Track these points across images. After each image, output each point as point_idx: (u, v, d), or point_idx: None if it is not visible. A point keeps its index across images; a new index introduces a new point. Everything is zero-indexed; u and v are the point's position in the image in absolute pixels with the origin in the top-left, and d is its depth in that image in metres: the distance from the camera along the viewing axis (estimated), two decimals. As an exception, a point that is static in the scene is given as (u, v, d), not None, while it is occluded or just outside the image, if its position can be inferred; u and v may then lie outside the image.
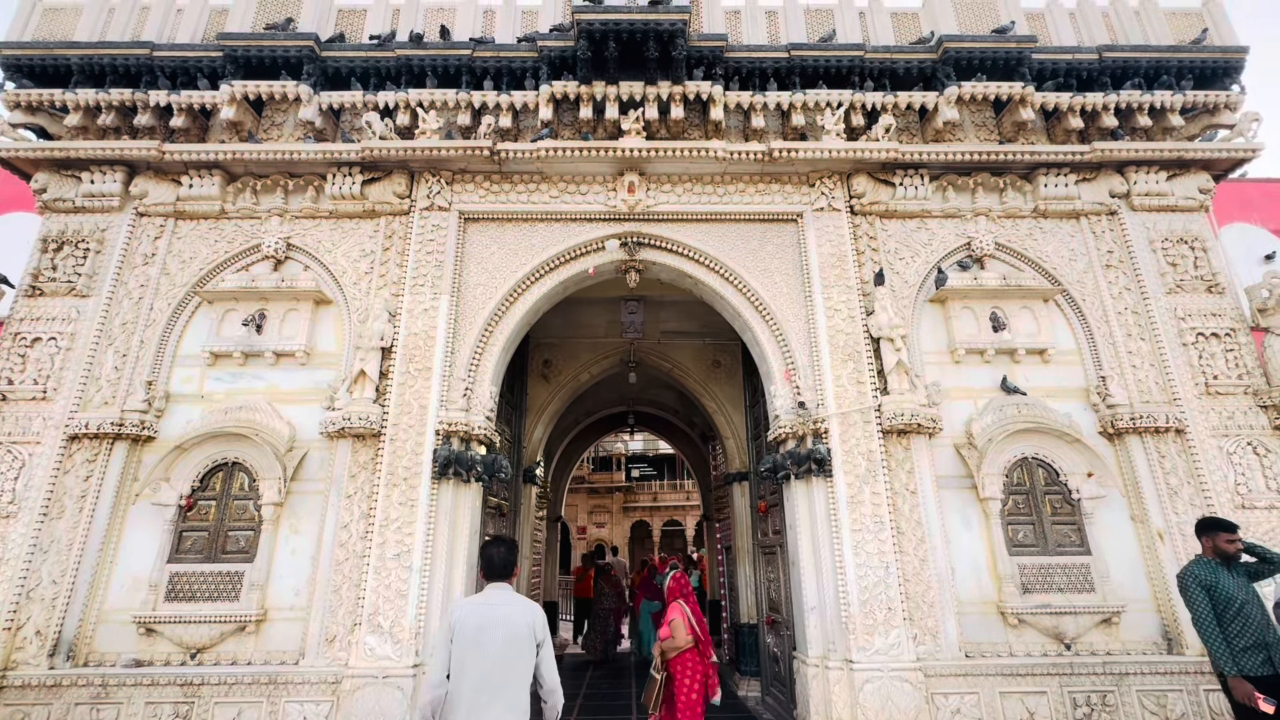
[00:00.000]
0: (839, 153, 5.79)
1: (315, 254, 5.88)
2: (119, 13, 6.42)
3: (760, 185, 6.04)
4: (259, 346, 5.57)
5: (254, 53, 5.97)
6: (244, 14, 6.40)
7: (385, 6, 6.54)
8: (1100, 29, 6.56)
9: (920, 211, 6.03)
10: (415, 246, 5.77)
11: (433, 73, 6.09)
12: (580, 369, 9.13)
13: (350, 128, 6.34)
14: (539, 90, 5.97)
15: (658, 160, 5.85)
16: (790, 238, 5.97)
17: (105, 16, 6.41)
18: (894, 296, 5.70)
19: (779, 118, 6.31)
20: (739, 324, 6.06)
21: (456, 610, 2.61)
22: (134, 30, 6.37)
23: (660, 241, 5.97)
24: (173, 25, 6.46)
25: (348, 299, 5.71)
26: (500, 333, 5.75)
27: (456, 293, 5.70)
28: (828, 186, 5.98)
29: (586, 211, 5.95)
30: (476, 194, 6.00)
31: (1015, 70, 6.09)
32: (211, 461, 5.28)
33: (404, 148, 5.75)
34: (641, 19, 5.57)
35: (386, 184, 5.96)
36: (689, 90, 5.90)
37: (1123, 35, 6.54)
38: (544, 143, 5.77)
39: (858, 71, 6.14)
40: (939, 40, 6.08)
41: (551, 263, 5.89)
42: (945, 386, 5.56)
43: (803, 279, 5.78)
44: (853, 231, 5.91)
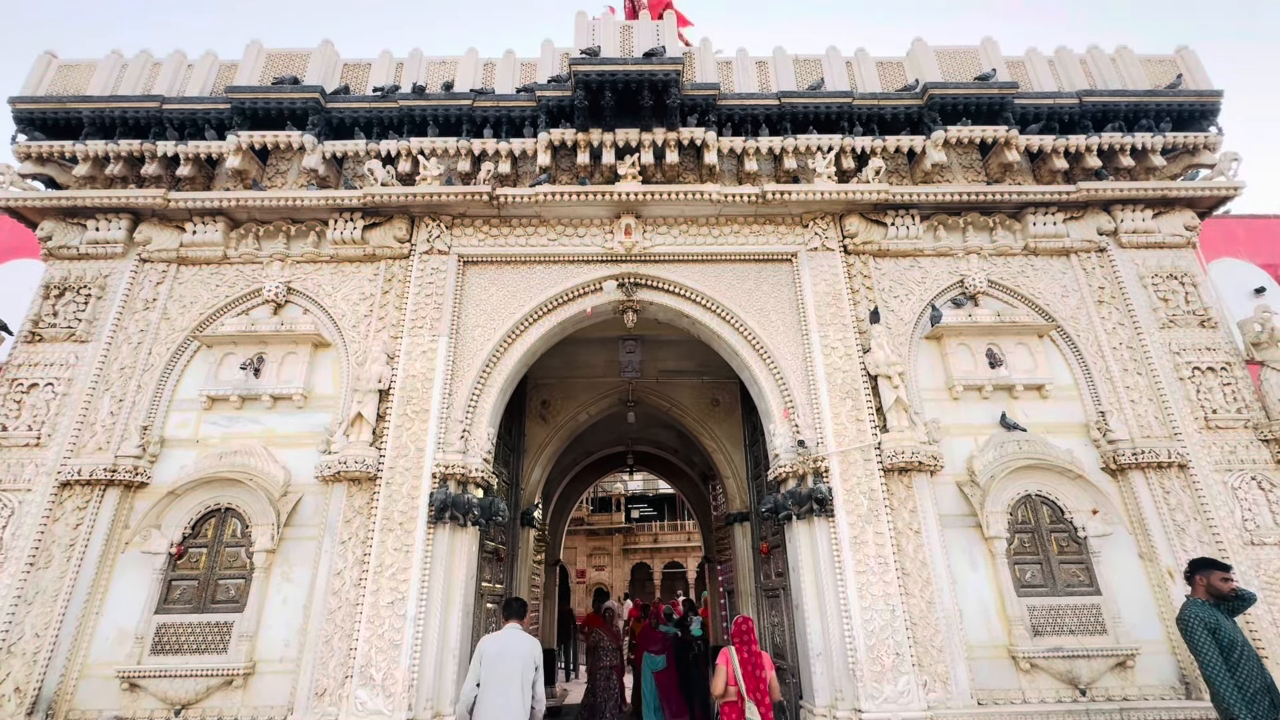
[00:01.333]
0: (831, 194, 5.91)
1: (315, 297, 5.93)
2: (132, 69, 6.64)
3: (755, 226, 6.15)
4: (256, 390, 5.56)
5: (261, 105, 6.15)
6: (252, 69, 6.62)
7: (389, 60, 6.78)
8: (1079, 75, 6.80)
9: (913, 250, 6.13)
10: (415, 289, 5.82)
11: (434, 122, 6.27)
12: (578, 409, 9.09)
13: (353, 174, 6.48)
14: (537, 138, 6.14)
15: (653, 203, 5.97)
16: (785, 277, 6.05)
17: (118, 72, 6.62)
18: (890, 334, 5.74)
19: (771, 161, 6.47)
20: (736, 362, 6.07)
21: (484, 642, 4.09)
22: (145, 84, 6.58)
23: (657, 282, 6.04)
24: (183, 79, 6.67)
25: (346, 342, 5.73)
26: (498, 374, 5.75)
27: (455, 335, 5.72)
28: (821, 227, 6.09)
29: (584, 254, 6.04)
30: (476, 238, 6.09)
31: (999, 114, 6.29)
32: (204, 507, 5.20)
33: (405, 193, 5.87)
34: (637, 70, 5.77)
35: (387, 229, 6.06)
36: (683, 136, 6.06)
37: (1100, 80, 6.77)
38: (542, 187, 5.89)
39: (846, 117, 6.33)
40: (924, 87, 6.29)
41: (549, 304, 5.94)
42: (945, 423, 5.54)
43: (799, 317, 5.83)
44: (847, 270, 5.99)
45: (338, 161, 6.44)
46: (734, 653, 4.29)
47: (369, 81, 6.73)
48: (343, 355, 5.73)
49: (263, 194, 5.99)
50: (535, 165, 6.27)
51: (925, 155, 6.26)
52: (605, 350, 8.58)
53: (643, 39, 6.46)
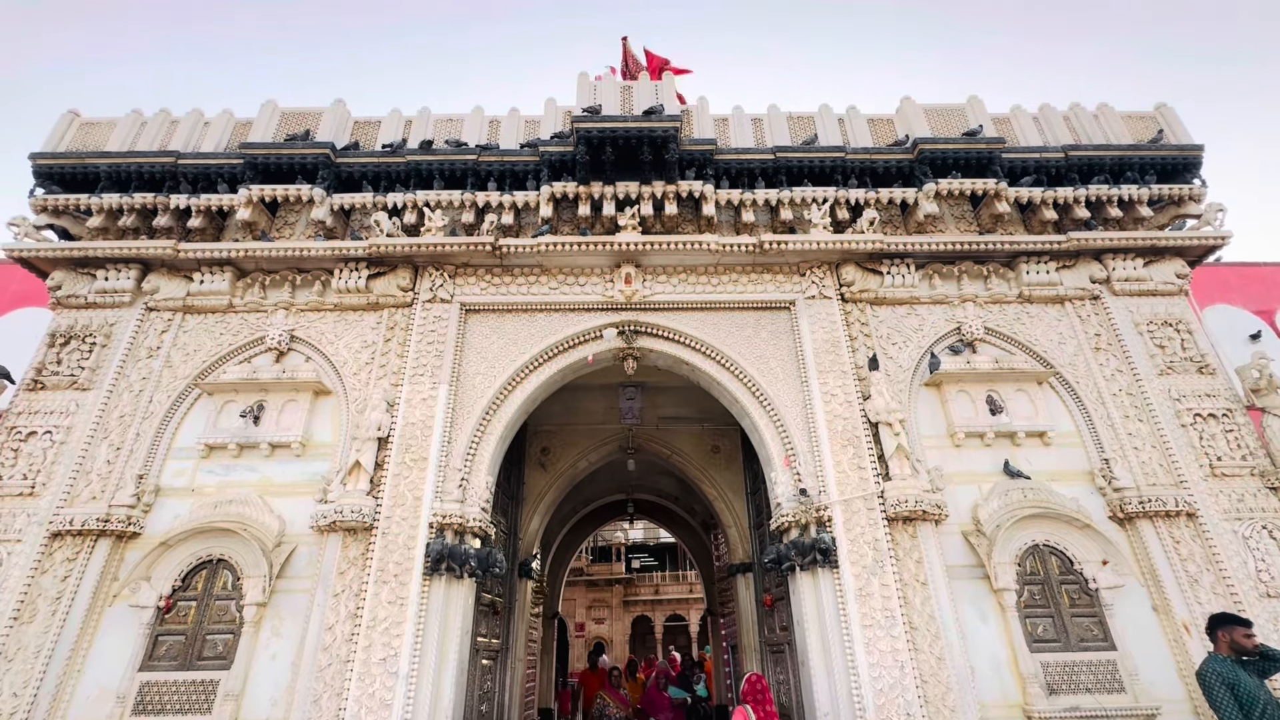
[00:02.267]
0: (827, 244, 6.04)
1: (318, 345, 5.98)
2: (150, 126, 6.90)
3: (753, 275, 6.26)
4: (255, 438, 5.54)
5: (273, 160, 6.36)
6: (266, 126, 6.88)
7: (398, 118, 7.05)
8: (1063, 130, 7.05)
9: (909, 298, 6.21)
10: (416, 337, 5.88)
11: (440, 175, 6.47)
12: (578, 456, 9.01)
13: (359, 225, 6.64)
14: (540, 190, 6.32)
15: (653, 253, 6.09)
16: (784, 325, 6.11)
17: (137, 129, 6.88)
18: (889, 381, 5.75)
19: (768, 212, 6.64)
20: (736, 410, 6.07)
21: None
22: (162, 141, 6.82)
23: (657, 329, 6.10)
24: (199, 136, 6.92)
25: (347, 389, 5.74)
26: (498, 421, 5.74)
27: (455, 382, 5.74)
28: (818, 276, 6.19)
29: (585, 302, 6.13)
30: (478, 286, 6.19)
31: (987, 168, 6.48)
32: (196, 559, 5.10)
33: (410, 244, 6.00)
34: (637, 127, 6.00)
35: (391, 278, 6.16)
36: (682, 189, 6.24)
37: (1084, 135, 7.01)
38: (544, 238, 6.03)
39: (840, 170, 6.53)
40: (914, 142, 6.51)
41: (550, 351, 5.98)
42: (947, 471, 5.49)
43: (798, 365, 5.86)
44: (845, 318, 6.06)
45: (345, 213, 6.61)
46: (751, 713, 4.12)
47: (379, 137, 6.97)
48: (343, 403, 5.73)
49: (271, 245, 6.12)
50: (537, 216, 6.43)
51: (918, 206, 6.42)
52: (605, 397, 8.58)
53: (642, 98, 6.73)
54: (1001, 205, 6.38)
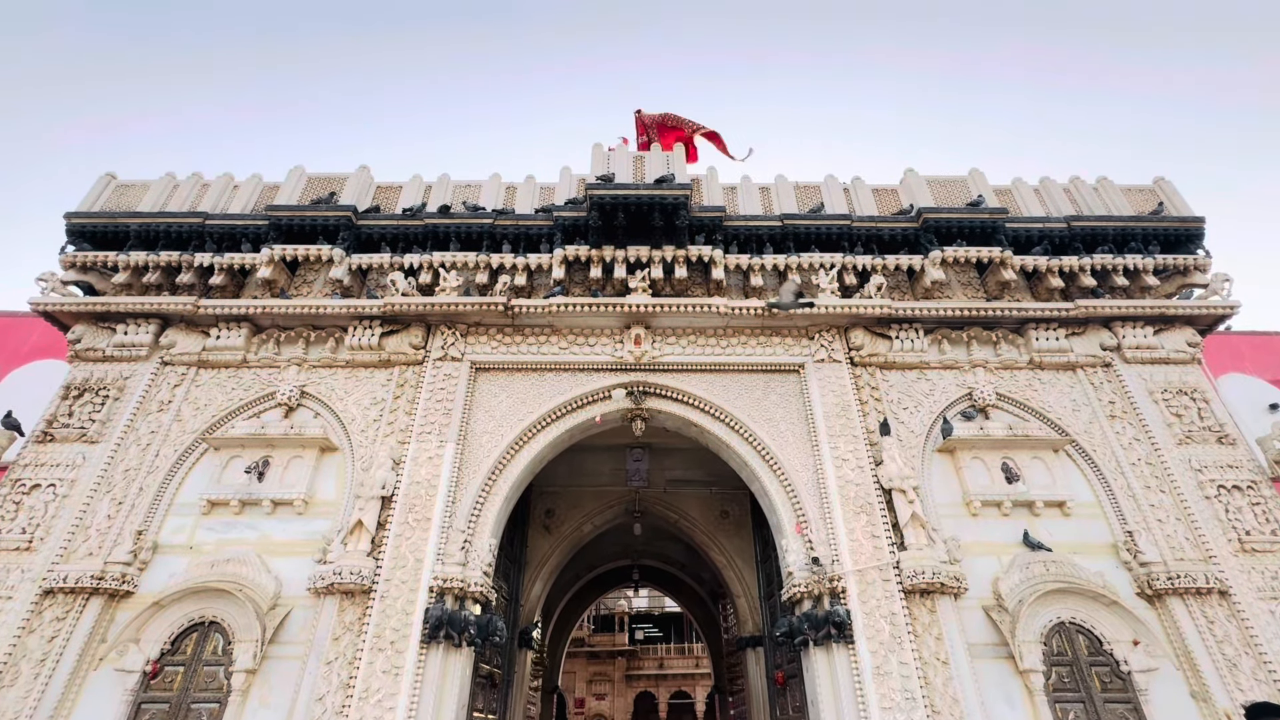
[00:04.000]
0: (835, 308, 6.13)
1: (327, 401, 6.03)
2: (182, 188, 7.23)
3: (762, 338, 6.32)
4: (258, 495, 5.49)
5: (296, 221, 6.62)
6: (293, 189, 7.19)
7: (419, 183, 7.36)
8: (1064, 201, 7.25)
9: (919, 363, 6.23)
10: (426, 395, 5.92)
11: (456, 237, 6.69)
12: (583, 519, 8.85)
13: (376, 284, 6.81)
14: (553, 253, 6.51)
15: (663, 315, 6.19)
16: (793, 387, 6.12)
17: (169, 191, 7.20)
18: (901, 446, 5.69)
19: (776, 277, 6.77)
20: (746, 473, 5.99)
21: None
22: (192, 202, 7.12)
23: (665, 390, 6.12)
24: (228, 198, 7.22)
25: (353, 446, 5.74)
26: (504, 481, 5.68)
27: (463, 440, 5.73)
28: (827, 339, 6.25)
29: (594, 362, 6.18)
30: (489, 345, 6.28)
31: (992, 236, 6.63)
32: (188, 620, 4.96)
33: (424, 303, 6.14)
34: (648, 194, 6.23)
35: (404, 335, 6.27)
36: (691, 253, 6.41)
37: (1085, 207, 7.20)
38: (556, 299, 6.16)
39: (846, 237, 6.70)
40: (918, 212, 6.70)
41: (559, 411, 5.99)
42: (965, 541, 5.33)
43: (808, 428, 5.83)
44: (854, 382, 6.07)
45: (362, 273, 6.80)
46: None
47: (399, 201, 7.25)
48: (349, 460, 5.71)
49: (288, 301, 6.27)
50: (550, 278, 6.59)
51: (924, 273, 6.54)
52: (612, 458, 8.52)
53: (653, 167, 7.02)
54: (1007, 272, 6.49)
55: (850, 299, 6.22)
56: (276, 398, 6.03)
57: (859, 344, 6.21)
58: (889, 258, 6.58)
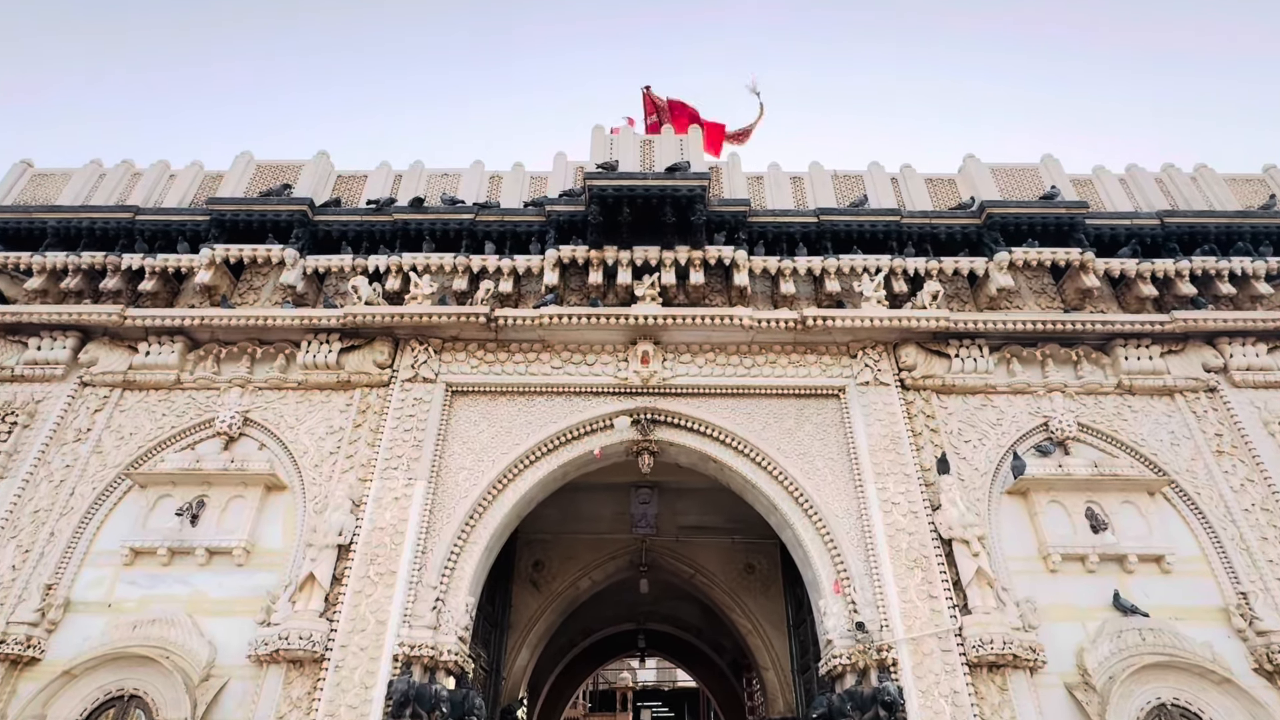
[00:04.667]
0: (882, 321, 6.13)
1: (275, 430, 6.06)
2: (110, 178, 7.36)
3: (794, 356, 6.34)
4: (191, 542, 5.50)
5: (243, 217, 6.72)
6: (239, 180, 7.31)
7: (387, 172, 7.47)
8: (1155, 194, 7.27)
9: (983, 386, 6.22)
10: (392, 423, 5.94)
11: (430, 236, 6.76)
12: (579, 573, 8.81)
13: (334, 292, 6.89)
14: (544, 255, 6.56)
15: (675, 328, 6.22)
16: (832, 416, 6.11)
17: (95, 181, 7.34)
18: (963, 487, 5.66)
19: (811, 283, 6.80)
20: (775, 519, 5.96)
21: None
22: (121, 194, 7.25)
23: (678, 419, 6.13)
24: (162, 190, 7.36)
25: (305, 484, 5.75)
26: (484, 527, 5.67)
27: (435, 478, 5.74)
28: (872, 358, 6.25)
29: (593, 384, 6.20)
30: (468, 364, 6.31)
31: (1069, 235, 6.65)
32: (104, 693, 4.94)
33: (391, 313, 6.18)
34: (658, 185, 6.29)
35: (367, 352, 6.31)
36: (710, 255, 6.45)
37: (1181, 200, 7.22)
38: (548, 309, 6.20)
39: (895, 236, 6.73)
40: (981, 206, 6.74)
41: (551, 443, 6.00)
42: (1042, 604, 5.27)
43: (850, 465, 5.81)
44: (906, 409, 6.06)
45: (319, 277, 6.88)
46: None
47: (364, 193, 7.36)
48: (299, 501, 5.72)
49: (231, 312, 6.35)
50: (541, 284, 6.64)
51: (989, 279, 6.56)
52: (614, 500, 8.50)
53: (665, 153, 7.10)
54: (1089, 278, 6.49)
55: (900, 310, 6.23)
56: (215, 425, 6.07)
57: (911, 363, 6.20)
58: (946, 260, 6.60)
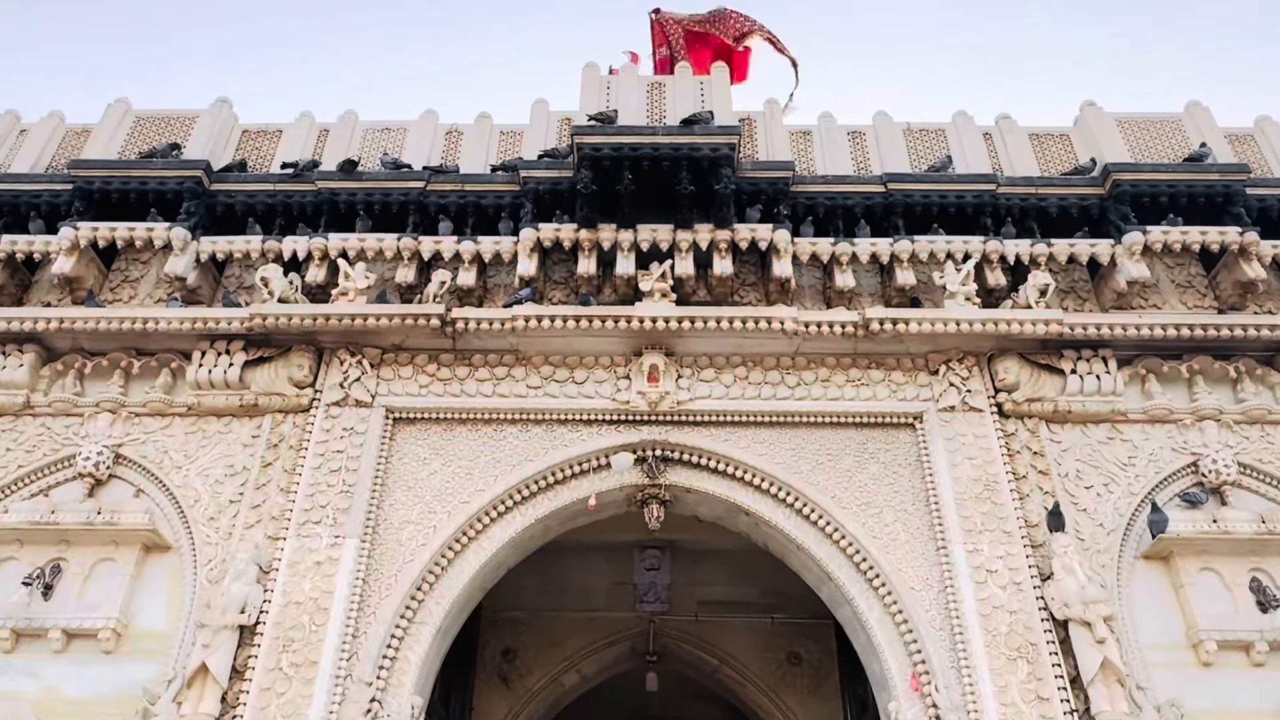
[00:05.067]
0: (973, 324, 6.07)
1: (156, 471, 6.06)
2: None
3: (853, 372, 6.31)
4: (42, 620, 5.48)
5: (117, 187, 6.76)
6: (112, 136, 7.37)
7: (308, 126, 7.52)
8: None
9: (1110, 413, 6.19)
10: (314, 461, 5.92)
11: (366, 211, 6.78)
12: (564, 664, 8.79)
13: (237, 286, 6.91)
14: (518, 235, 6.55)
15: (694, 334, 6.19)
16: (905, 452, 6.08)
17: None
18: (1083, 549, 5.60)
19: (876, 273, 6.79)
20: (829, 592, 5.94)
21: None
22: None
23: (698, 456, 6.09)
24: (10, 149, 7.40)
25: (196, 543, 5.73)
26: (436, 602, 5.64)
27: (372, 535, 5.71)
28: (959, 375, 6.22)
29: (584, 410, 6.18)
30: (415, 382, 6.30)
31: (1224, 211, 6.65)
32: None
33: (312, 314, 6.16)
34: (671, 144, 6.29)
35: (280, 366, 6.31)
36: (740, 236, 6.44)
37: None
38: (523, 308, 6.16)
39: (988, 211, 6.72)
40: (1104, 170, 6.76)
41: (527, 488, 5.96)
42: (1191, 708, 5.21)
43: (930, 519, 5.77)
44: (1005, 444, 6.01)
45: (217, 266, 6.92)
46: None
47: (278, 154, 7.40)
48: (188, 566, 5.70)
49: (100, 312, 6.36)
50: (514, 276, 6.64)
51: (1116, 268, 6.55)
52: (612, 565, 8.47)
53: (680, 99, 7.12)
54: (1252, 268, 6.48)
55: (997, 309, 6.21)
56: (77, 465, 6.05)
57: (1011, 381, 6.17)
58: (1058, 243, 6.60)
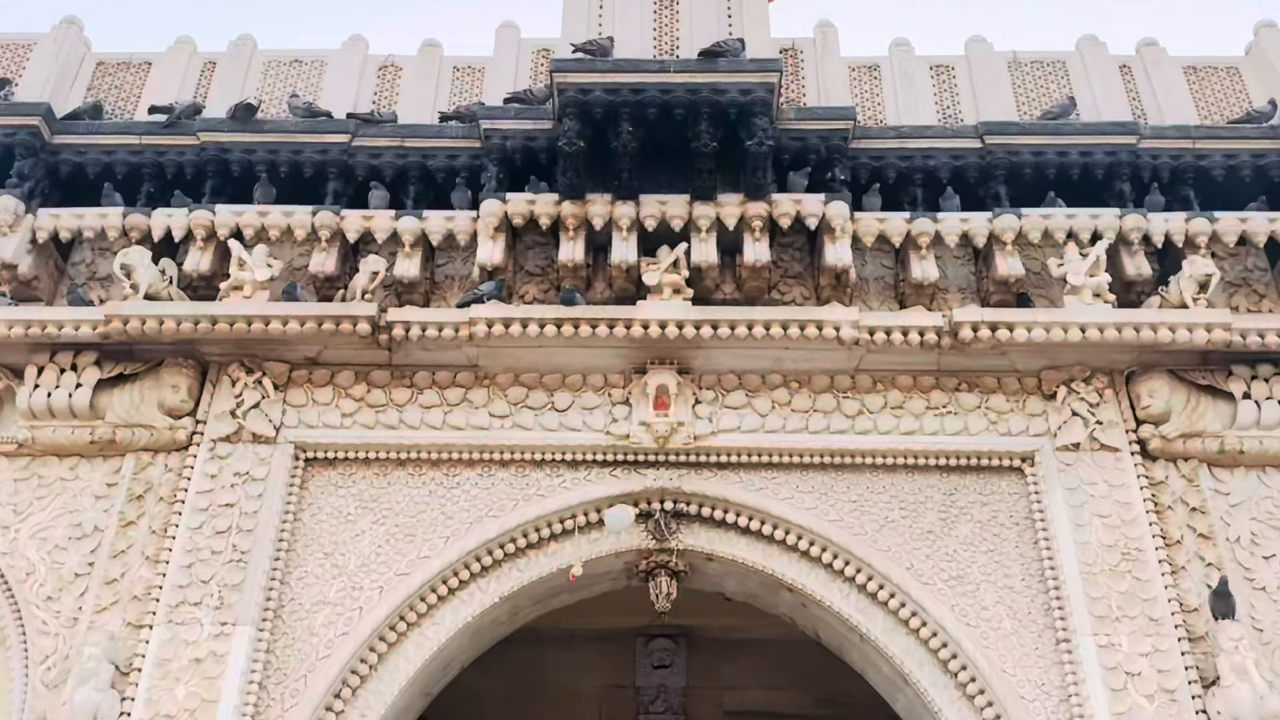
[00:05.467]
0: (1105, 330, 6.00)
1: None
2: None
3: (936, 396, 6.29)
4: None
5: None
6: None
7: (189, 57, 7.49)
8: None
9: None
10: (192, 519, 5.84)
11: (270, 175, 6.72)
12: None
13: (88, 276, 6.86)
14: (478, 210, 6.50)
15: (717, 345, 6.13)
16: (1009, 507, 6.05)
17: None
18: (1261, 644, 5.52)
19: (969, 260, 6.76)
20: (905, 700, 5.91)
21: None
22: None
23: (722, 510, 6.05)
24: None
25: (29, 632, 5.65)
26: (360, 715, 5.55)
27: (273, 621, 5.65)
28: (1086, 400, 6.17)
29: (567, 446, 6.15)
30: (337, 409, 6.27)
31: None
32: None
33: (192, 316, 6.09)
34: (686, 84, 6.22)
35: (148, 387, 6.24)
36: (780, 210, 6.38)
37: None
38: (485, 309, 6.10)
39: (1126, 174, 6.66)
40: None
41: (489, 554, 5.92)
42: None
43: (1046, 599, 5.71)
44: (1152, 496, 5.96)
45: (61, 249, 6.86)
46: None
47: (145, 92, 7.37)
48: (16, 664, 5.62)
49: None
50: (472, 264, 6.61)
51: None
52: (606, 661, 8.48)
53: (698, 23, 7.07)
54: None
55: (1139, 310, 6.20)
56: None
57: (1159, 409, 6.10)
58: (1224, 218, 6.55)
